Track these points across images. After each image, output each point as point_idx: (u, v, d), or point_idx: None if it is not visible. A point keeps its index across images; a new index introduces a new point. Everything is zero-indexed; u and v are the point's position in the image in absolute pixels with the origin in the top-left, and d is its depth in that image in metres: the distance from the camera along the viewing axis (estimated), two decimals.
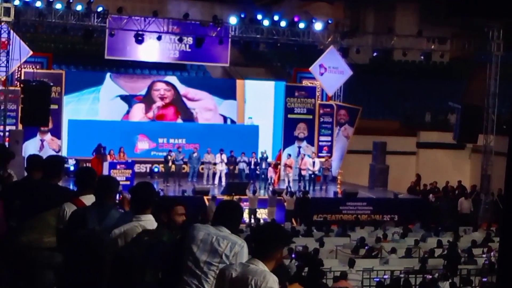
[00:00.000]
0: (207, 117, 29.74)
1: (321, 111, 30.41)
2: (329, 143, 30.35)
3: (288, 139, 30.00)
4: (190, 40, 27.65)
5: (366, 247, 18.76)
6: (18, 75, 26.06)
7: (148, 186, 5.55)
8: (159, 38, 26.75)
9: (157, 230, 5.04)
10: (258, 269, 4.24)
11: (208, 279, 4.70)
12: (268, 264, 4.29)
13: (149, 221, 5.20)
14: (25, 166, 7.04)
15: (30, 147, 25.03)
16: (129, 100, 28.79)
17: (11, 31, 24.00)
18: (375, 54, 30.62)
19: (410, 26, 33.26)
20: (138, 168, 26.94)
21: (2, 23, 23.90)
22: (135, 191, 5.48)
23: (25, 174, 6.96)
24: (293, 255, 16.74)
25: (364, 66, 34.47)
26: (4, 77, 24.28)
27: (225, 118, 30.02)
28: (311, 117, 30.22)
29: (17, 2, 25.05)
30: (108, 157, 25.75)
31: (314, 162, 27.80)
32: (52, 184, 6.47)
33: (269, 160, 28.22)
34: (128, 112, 28.78)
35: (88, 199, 5.80)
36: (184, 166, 27.29)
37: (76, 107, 27.98)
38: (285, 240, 4.53)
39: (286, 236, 4.57)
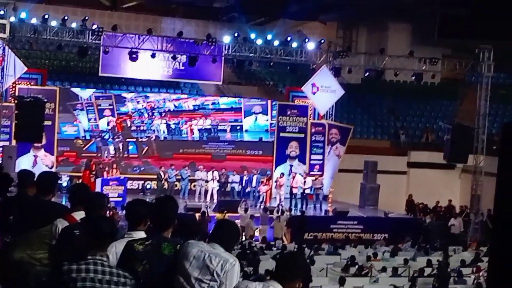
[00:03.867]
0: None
1: (313, 130, 30.58)
2: (321, 162, 30.49)
3: (280, 157, 30.14)
4: (183, 58, 27.84)
5: (356, 266, 18.85)
6: (13, 91, 26.13)
7: (142, 203, 5.53)
8: (153, 56, 26.91)
9: (157, 241, 4.96)
10: None
11: None
12: None
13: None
14: (17, 181, 7.10)
15: (24, 163, 25.04)
16: None
17: (6, 48, 24.14)
18: (367, 74, 30.85)
19: (401, 46, 33.58)
20: (130, 184, 27.02)
21: None
22: (128, 207, 5.50)
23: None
24: None
25: (356, 86, 34.71)
26: None
27: None
28: (303, 135, 30.39)
29: (12, 19, 25.25)
30: (105, 173, 25.97)
31: (305, 181, 27.94)
32: (45, 200, 6.54)
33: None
34: None
35: (81, 215, 5.83)
36: (176, 183, 27.45)
37: None
38: (304, 274, 4.60)
39: (306, 270, 4.65)
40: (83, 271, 4.17)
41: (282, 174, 28.87)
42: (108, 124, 28.71)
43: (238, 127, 30.28)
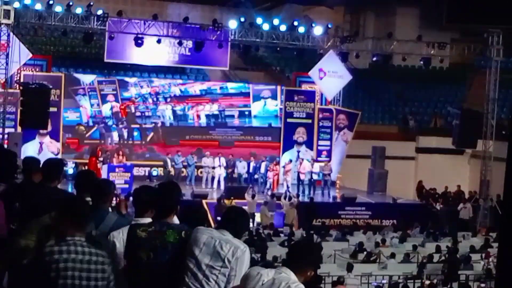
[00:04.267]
0: None
1: (320, 116, 30.44)
2: (328, 148, 30.37)
3: (287, 143, 30.00)
4: (189, 43, 27.70)
5: (364, 252, 18.78)
6: (18, 78, 26.06)
7: (149, 189, 5.53)
8: (158, 42, 26.79)
9: (160, 228, 4.92)
10: (290, 279, 4.33)
11: (209, 282, 4.69)
12: (298, 277, 4.37)
13: None
14: (22, 168, 7.03)
15: (29, 150, 25.02)
16: None
17: (11, 34, 24.05)
18: (374, 58, 30.67)
19: (409, 31, 33.28)
20: (136, 171, 26.92)
21: (2, 26, 23.93)
22: (136, 194, 5.51)
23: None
24: None
25: (363, 71, 34.52)
26: (4, 80, 24.30)
27: None
28: (310, 121, 30.23)
29: (17, 5, 25.16)
30: (114, 160, 25.86)
31: (313, 166, 27.84)
32: (51, 187, 6.46)
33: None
34: None
35: None
36: (183, 169, 27.36)
37: None
38: (316, 263, 4.64)
39: (317, 259, 4.68)
40: (64, 252, 4.36)
41: (290, 160, 28.74)
42: (111, 110, 28.45)
43: (247, 113, 30.04)
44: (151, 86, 29.23)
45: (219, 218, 21.26)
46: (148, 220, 5.17)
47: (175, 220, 5.12)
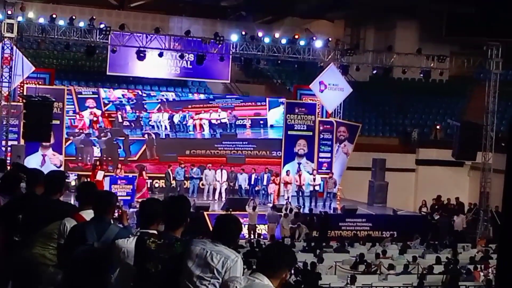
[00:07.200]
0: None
1: (321, 128, 30.51)
2: (329, 160, 30.43)
3: (288, 155, 30.07)
4: (191, 57, 27.84)
5: (365, 263, 18.86)
6: (21, 91, 26.16)
7: (156, 202, 5.59)
8: (160, 55, 26.94)
9: (169, 241, 4.99)
10: (264, 285, 4.27)
11: None
12: (273, 281, 4.31)
13: None
14: (25, 180, 7.13)
15: (32, 162, 24.97)
16: None
17: (14, 47, 24.21)
18: (374, 71, 30.79)
19: (409, 44, 33.46)
20: None
21: (5, 39, 24.09)
22: (143, 206, 5.54)
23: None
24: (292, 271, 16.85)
25: (364, 84, 34.66)
26: (7, 93, 24.45)
27: None
28: (311, 133, 30.27)
29: (20, 19, 25.33)
30: (118, 170, 25.76)
31: (314, 178, 27.92)
32: (53, 199, 6.57)
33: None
34: None
35: (89, 214, 5.83)
36: (185, 181, 27.36)
37: None
38: (291, 262, 4.54)
39: (293, 258, 4.57)
40: None
41: (288, 171, 28.74)
42: (91, 118, 26.93)
43: (261, 122, 28.92)
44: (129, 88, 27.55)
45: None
46: (153, 231, 5.21)
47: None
